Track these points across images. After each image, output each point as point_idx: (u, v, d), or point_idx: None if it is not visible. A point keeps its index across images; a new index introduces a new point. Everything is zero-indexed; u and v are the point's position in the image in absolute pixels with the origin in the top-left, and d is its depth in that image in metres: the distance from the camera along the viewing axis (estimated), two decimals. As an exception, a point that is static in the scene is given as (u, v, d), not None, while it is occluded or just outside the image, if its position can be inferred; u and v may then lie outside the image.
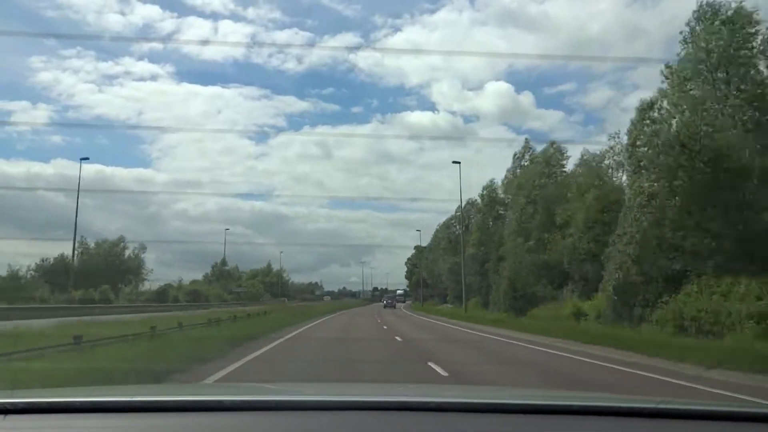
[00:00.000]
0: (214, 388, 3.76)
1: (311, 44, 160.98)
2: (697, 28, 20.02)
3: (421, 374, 10.38)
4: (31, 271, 64.78)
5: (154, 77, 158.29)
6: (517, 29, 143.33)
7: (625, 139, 23.75)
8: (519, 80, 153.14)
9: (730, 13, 19.64)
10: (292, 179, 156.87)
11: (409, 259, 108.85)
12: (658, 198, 17.58)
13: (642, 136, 19.31)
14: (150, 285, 76.43)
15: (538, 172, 35.74)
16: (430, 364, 11.54)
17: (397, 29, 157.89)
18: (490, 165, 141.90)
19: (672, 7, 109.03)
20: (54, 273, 65.07)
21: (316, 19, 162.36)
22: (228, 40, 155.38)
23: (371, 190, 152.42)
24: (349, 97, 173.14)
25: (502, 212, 45.64)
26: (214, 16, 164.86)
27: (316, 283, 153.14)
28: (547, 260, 29.71)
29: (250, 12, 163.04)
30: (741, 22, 19.44)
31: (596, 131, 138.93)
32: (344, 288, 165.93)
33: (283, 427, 1.48)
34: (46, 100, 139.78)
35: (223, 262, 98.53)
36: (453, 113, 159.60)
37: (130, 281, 73.45)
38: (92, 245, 74.14)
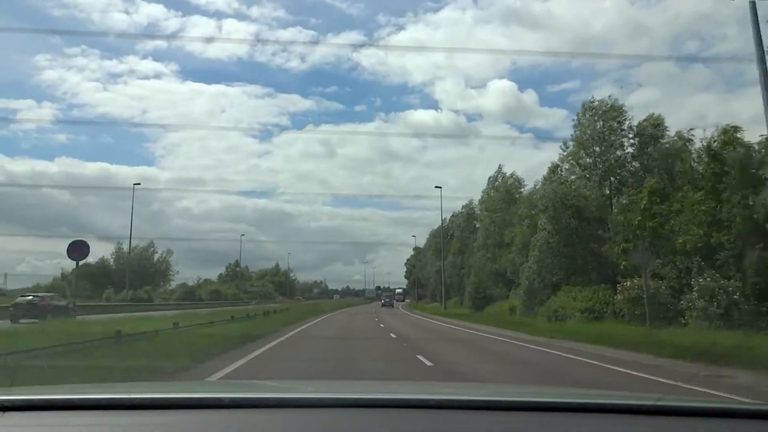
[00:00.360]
0: (214, 386, 3.74)
1: (315, 42, 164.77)
2: (583, 117, 29.84)
3: (389, 342, 19.74)
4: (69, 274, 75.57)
5: (158, 75, 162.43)
6: (521, 27, 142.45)
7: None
8: (522, 78, 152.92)
9: (605, 108, 29.42)
10: (295, 177, 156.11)
11: (408, 260, 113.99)
12: (548, 233, 27.54)
13: (544, 190, 29.27)
14: (173, 285, 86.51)
15: (499, 199, 45.56)
16: (391, 335, 21.27)
17: (400, 28, 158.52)
18: (494, 162, 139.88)
19: (675, 5, 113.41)
20: (95, 274, 75.58)
21: (320, 17, 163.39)
22: (232, 38, 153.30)
23: (375, 188, 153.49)
24: (352, 95, 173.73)
25: (477, 226, 55.53)
26: (218, 15, 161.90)
27: (321, 281, 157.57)
28: (498, 269, 39.60)
29: (254, 11, 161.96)
30: (614, 114, 29.22)
31: None
32: (347, 287, 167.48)
33: (283, 424, 1.49)
34: (50, 99, 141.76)
35: (237, 264, 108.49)
36: (456, 112, 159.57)
37: (159, 282, 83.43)
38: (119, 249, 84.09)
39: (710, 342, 13.18)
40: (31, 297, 26.84)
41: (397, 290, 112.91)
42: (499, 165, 54.37)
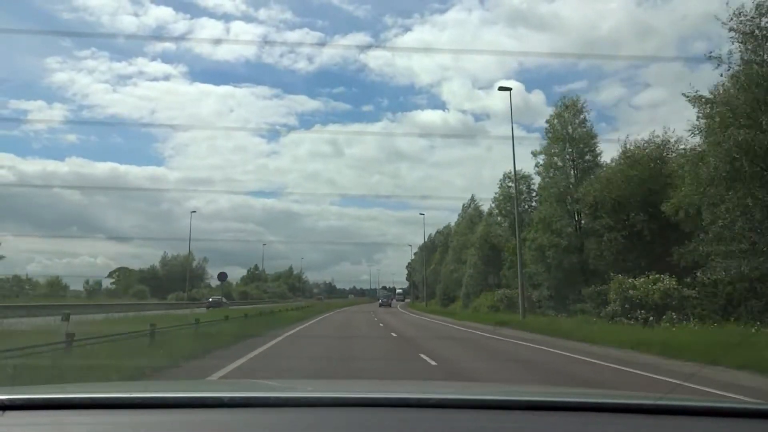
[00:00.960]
0: (213, 385, 3.74)
1: (322, 44, 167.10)
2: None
3: (372, 326, 35.75)
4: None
5: (167, 77, 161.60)
6: (527, 29, 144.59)
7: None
8: (529, 79, 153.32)
9: (520, 176, 46.00)
10: (303, 177, 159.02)
11: (409, 263, 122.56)
12: (478, 257, 44.35)
13: (480, 230, 46.03)
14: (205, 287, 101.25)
15: (465, 225, 62.21)
16: (380, 324, 37.61)
17: (407, 29, 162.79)
18: (501, 162, 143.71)
19: (682, 6, 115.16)
20: (147, 278, 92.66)
21: (327, 19, 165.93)
22: (240, 40, 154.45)
23: (382, 188, 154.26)
24: (359, 96, 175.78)
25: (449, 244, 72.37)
26: (226, 17, 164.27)
27: (330, 282, 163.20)
28: (458, 278, 56.38)
29: (262, 13, 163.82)
30: (525, 180, 45.76)
31: (608, 129, 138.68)
32: (354, 287, 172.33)
33: (283, 423, 1.49)
34: (61, 100, 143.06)
35: (256, 267, 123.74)
36: (463, 112, 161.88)
37: (197, 284, 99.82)
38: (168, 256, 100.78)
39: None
40: (212, 299, 52.91)
41: (398, 291, 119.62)
42: (472, 195, 67.77)
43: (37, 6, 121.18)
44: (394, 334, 22.66)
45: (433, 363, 12.09)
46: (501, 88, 32.33)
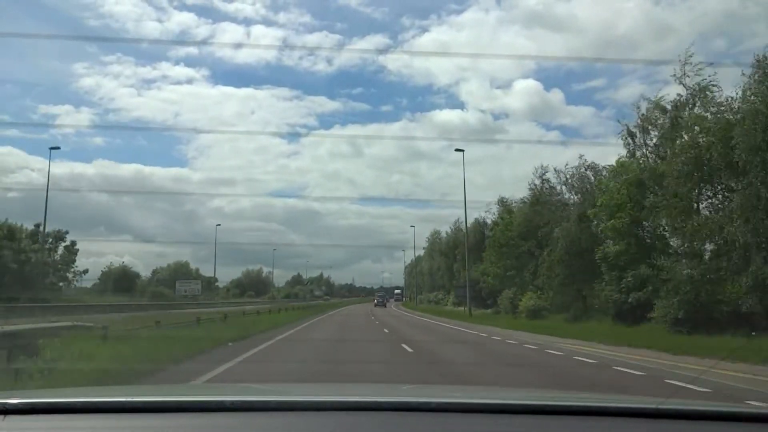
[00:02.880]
0: (216, 389, 3.78)
1: (340, 47, 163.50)
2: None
3: (368, 316, 50.06)
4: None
5: (189, 80, 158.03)
6: (544, 29, 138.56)
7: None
8: (548, 77, 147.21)
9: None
10: (323, 176, 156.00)
11: (406, 267, 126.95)
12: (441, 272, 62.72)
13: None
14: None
15: (444, 243, 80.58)
16: (372, 317, 52.91)
17: (424, 30, 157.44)
18: (522, 160, 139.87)
19: (700, 5, 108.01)
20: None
21: (345, 22, 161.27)
22: (260, 44, 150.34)
23: (402, 187, 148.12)
24: (378, 96, 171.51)
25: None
26: (247, 22, 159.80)
27: (351, 283, 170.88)
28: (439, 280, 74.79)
29: (281, 17, 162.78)
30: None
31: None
32: (372, 286, 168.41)
33: (285, 427, 1.51)
34: (88, 104, 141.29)
35: (299, 276, 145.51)
36: (482, 111, 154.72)
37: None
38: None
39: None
40: (321, 293, 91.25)
41: (396, 291, 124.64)
42: (457, 218, 70.15)
43: (65, 14, 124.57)
44: (372, 317, 40.17)
45: (377, 322, 29.97)
46: (457, 150, 45.79)
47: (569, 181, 33.40)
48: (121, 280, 60.26)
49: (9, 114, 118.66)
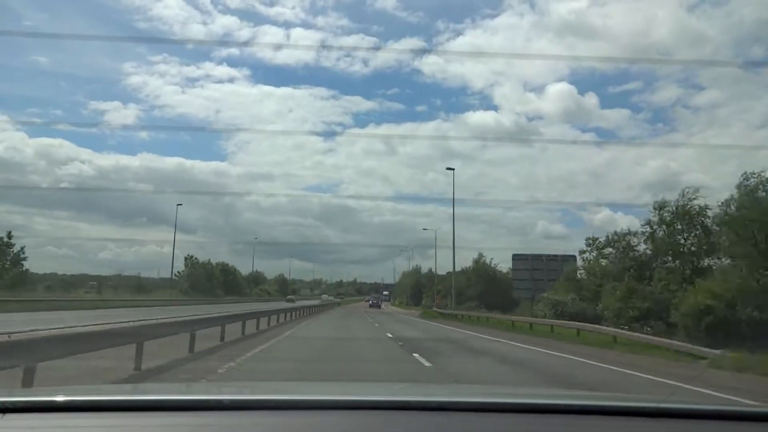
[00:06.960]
0: (214, 387, 3.80)
1: (376, 48, 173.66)
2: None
3: (365, 311, 65.71)
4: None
5: (231, 80, 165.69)
6: (576, 37, 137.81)
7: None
8: (581, 81, 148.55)
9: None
10: (358, 173, 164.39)
11: (403, 273, 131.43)
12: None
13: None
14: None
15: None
16: (366, 312, 65.66)
17: (458, 33, 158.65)
18: (556, 161, 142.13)
19: (737, 11, 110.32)
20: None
21: (382, 25, 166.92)
22: (299, 45, 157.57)
23: (436, 186, 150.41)
24: (412, 96, 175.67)
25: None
26: (287, 25, 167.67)
27: (379, 283, 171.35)
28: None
29: (320, 20, 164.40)
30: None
31: (665, 129, 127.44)
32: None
33: (284, 426, 1.49)
34: (135, 101, 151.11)
35: (339, 283, 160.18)
36: (516, 113, 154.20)
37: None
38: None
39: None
40: (330, 297, 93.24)
41: (384, 293, 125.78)
42: (416, 267, 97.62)
43: (116, 16, 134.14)
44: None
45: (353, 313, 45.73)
46: (448, 168, 48.49)
47: None
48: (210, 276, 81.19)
49: (62, 109, 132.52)
